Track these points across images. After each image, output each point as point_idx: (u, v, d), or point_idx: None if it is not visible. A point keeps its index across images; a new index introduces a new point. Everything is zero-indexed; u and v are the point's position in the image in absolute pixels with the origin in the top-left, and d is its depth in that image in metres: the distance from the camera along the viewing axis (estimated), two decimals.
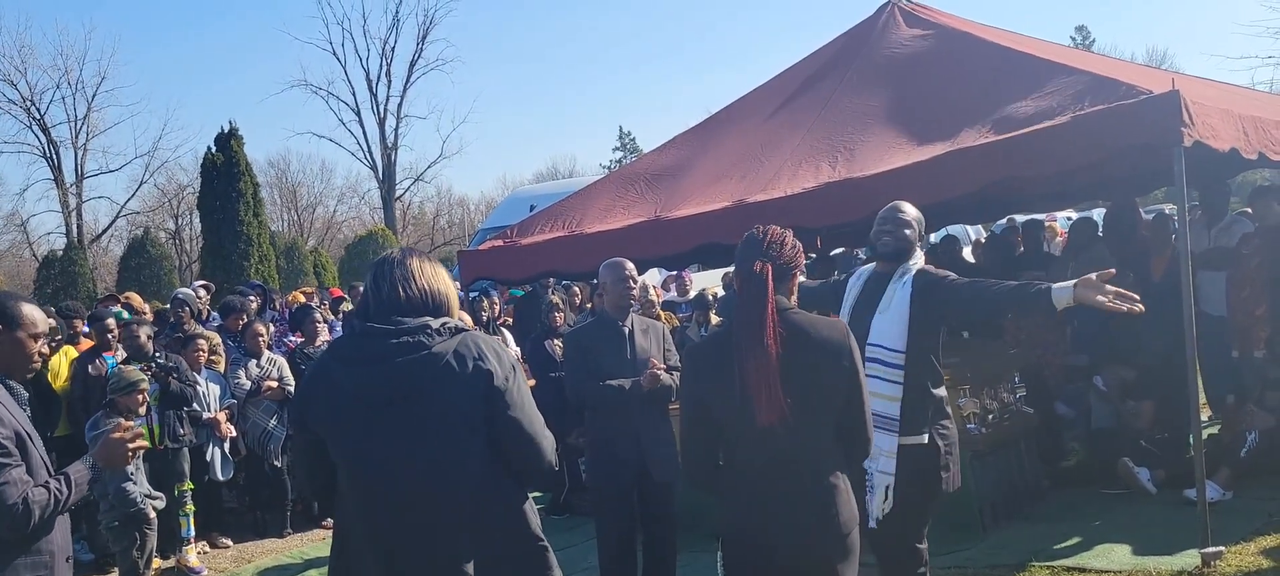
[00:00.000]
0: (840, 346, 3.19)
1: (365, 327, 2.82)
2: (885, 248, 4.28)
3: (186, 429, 7.68)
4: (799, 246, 3.32)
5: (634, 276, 5.45)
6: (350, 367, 2.80)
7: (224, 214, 24.04)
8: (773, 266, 3.18)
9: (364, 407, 2.76)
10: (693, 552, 5.90)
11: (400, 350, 2.75)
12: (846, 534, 3.16)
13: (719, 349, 3.25)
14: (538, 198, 15.86)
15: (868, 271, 4.39)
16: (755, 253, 3.23)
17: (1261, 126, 6.07)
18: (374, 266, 2.94)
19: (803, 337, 3.15)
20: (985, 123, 6.05)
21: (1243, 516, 5.96)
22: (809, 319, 3.24)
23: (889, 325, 4.14)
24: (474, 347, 2.81)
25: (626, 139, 56.14)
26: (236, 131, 24.44)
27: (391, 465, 2.76)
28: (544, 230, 7.82)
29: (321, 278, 28.75)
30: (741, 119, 8.07)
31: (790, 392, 3.06)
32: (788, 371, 3.07)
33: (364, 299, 2.93)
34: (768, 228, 3.32)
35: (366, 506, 2.81)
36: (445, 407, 2.76)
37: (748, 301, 3.18)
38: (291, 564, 7.73)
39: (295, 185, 48.52)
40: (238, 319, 9.26)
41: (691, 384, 3.35)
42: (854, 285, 4.39)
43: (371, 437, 2.76)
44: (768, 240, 3.27)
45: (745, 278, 3.21)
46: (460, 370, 2.76)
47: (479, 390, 2.77)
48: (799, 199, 6.40)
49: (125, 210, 39.82)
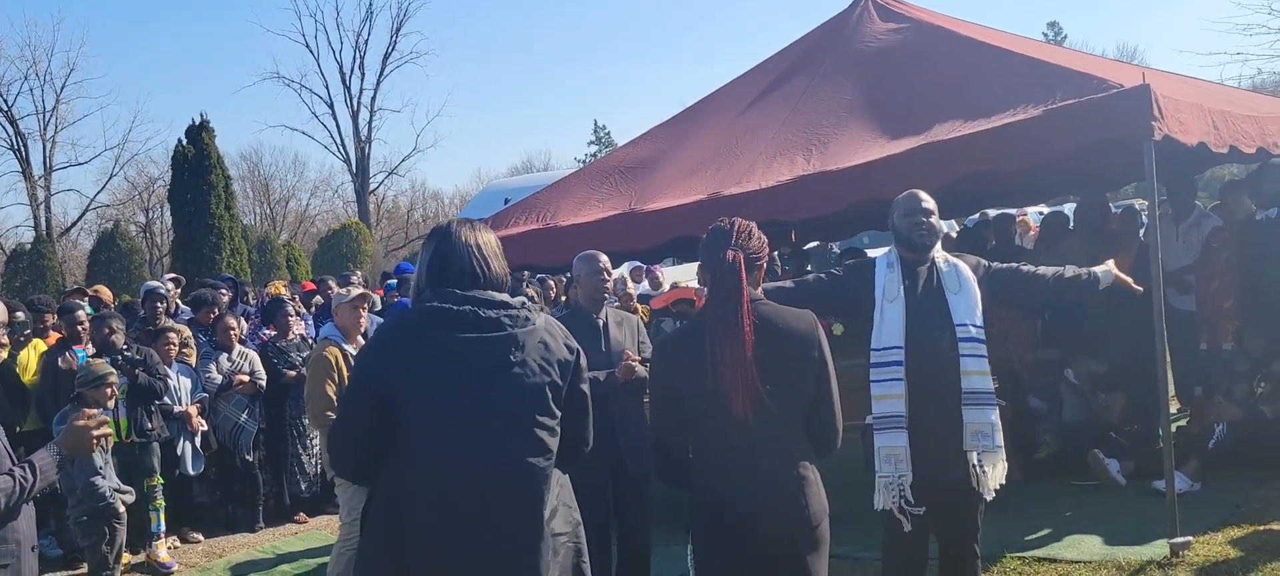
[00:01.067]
0: (810, 337, 3.21)
1: (464, 296, 2.78)
2: (926, 238, 4.21)
3: (156, 423, 7.62)
4: (765, 239, 3.34)
5: (608, 269, 5.45)
6: (447, 333, 2.74)
7: (195, 207, 23.80)
8: (743, 256, 3.20)
9: (461, 375, 2.72)
10: (667, 545, 5.90)
11: (502, 324, 2.77)
12: (816, 525, 3.17)
13: (690, 340, 3.25)
14: (512, 191, 15.81)
15: (892, 259, 4.28)
16: (725, 243, 3.24)
17: (1231, 120, 6.13)
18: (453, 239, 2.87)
19: (772, 329, 3.17)
20: (958, 116, 6.07)
21: (1210, 507, 6.03)
22: (778, 310, 3.25)
23: (968, 305, 4.12)
24: (558, 328, 2.93)
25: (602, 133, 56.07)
26: (208, 124, 24.21)
27: (480, 435, 2.73)
28: (518, 223, 7.79)
29: (295, 272, 28.55)
30: (716, 112, 8.07)
31: (763, 382, 3.08)
32: (759, 362, 3.08)
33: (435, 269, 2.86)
34: (734, 219, 3.34)
35: (441, 477, 2.72)
36: (540, 380, 2.80)
37: (720, 292, 3.18)
38: (263, 559, 7.68)
39: (268, 178, 48.12)
40: (209, 312, 9.18)
41: (662, 375, 3.35)
42: (886, 272, 4.25)
43: (463, 406, 2.72)
44: (736, 231, 3.28)
45: (716, 268, 3.21)
46: (552, 348, 2.85)
47: (567, 368, 2.87)
48: (773, 192, 6.41)
49: (95, 203, 39.39)
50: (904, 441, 4.04)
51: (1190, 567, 5.10)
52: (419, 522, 2.72)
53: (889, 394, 4.07)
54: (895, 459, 4.06)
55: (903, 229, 4.24)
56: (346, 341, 5.82)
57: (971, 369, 4.03)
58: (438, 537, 2.71)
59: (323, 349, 5.78)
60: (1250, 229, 7.62)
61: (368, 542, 2.84)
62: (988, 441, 4.02)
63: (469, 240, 2.87)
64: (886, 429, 4.08)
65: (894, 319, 4.11)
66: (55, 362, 7.60)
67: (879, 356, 4.11)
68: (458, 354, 2.72)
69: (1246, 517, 5.80)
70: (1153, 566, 5.19)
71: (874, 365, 4.11)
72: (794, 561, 3.15)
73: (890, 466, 4.07)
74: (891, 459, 4.06)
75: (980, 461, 4.02)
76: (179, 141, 24.33)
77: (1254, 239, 7.57)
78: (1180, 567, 5.12)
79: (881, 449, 4.09)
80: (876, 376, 4.10)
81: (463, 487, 2.71)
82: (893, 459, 4.06)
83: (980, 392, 4.03)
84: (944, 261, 4.21)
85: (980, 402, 4.02)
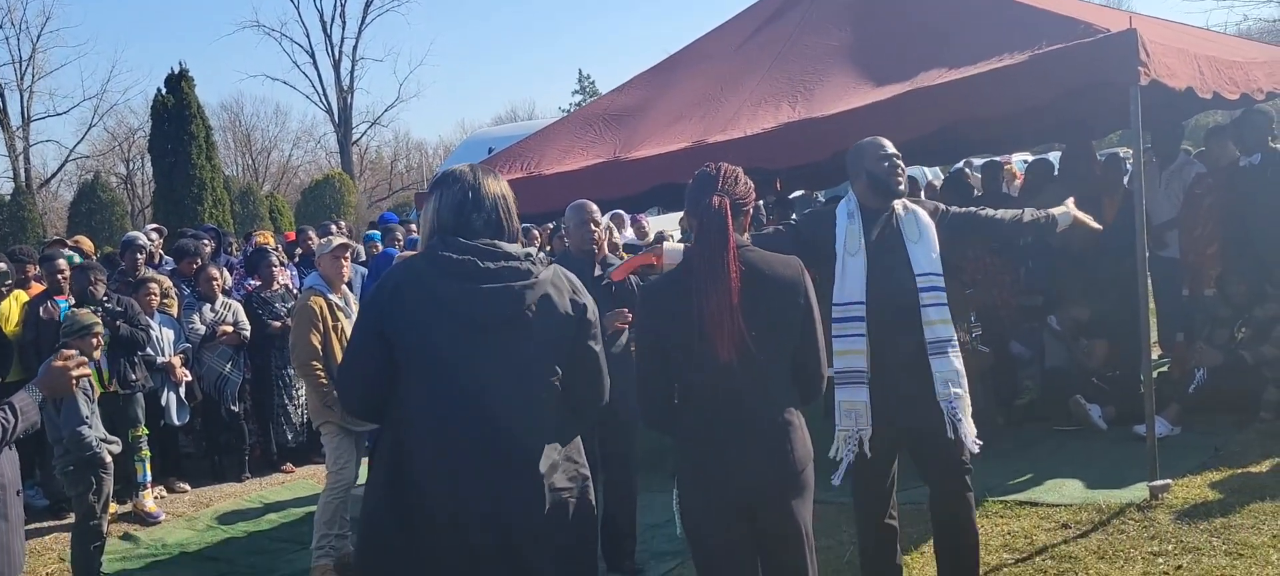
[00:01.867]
0: (795, 282, 3.21)
1: (471, 246, 2.75)
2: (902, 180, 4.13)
3: (140, 374, 7.60)
4: (751, 184, 3.31)
5: (597, 219, 5.43)
6: (454, 283, 2.72)
7: (176, 157, 23.56)
8: (729, 202, 3.18)
9: (464, 324, 2.71)
10: (652, 492, 5.94)
11: (508, 274, 2.75)
12: (801, 470, 3.18)
13: (676, 286, 3.23)
14: (496, 140, 15.71)
15: (852, 208, 4.17)
16: (711, 188, 3.22)
17: (1217, 65, 6.13)
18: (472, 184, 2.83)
19: (758, 274, 3.16)
20: (944, 62, 6.04)
21: (1190, 451, 6.10)
22: (763, 256, 3.24)
23: (927, 252, 4.05)
24: (567, 280, 2.89)
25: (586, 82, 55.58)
26: (187, 73, 23.91)
27: (482, 385, 2.71)
28: (503, 171, 7.65)
29: (278, 223, 28.40)
30: (701, 60, 8.02)
31: (748, 328, 3.08)
32: (744, 308, 3.08)
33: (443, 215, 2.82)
34: (721, 164, 3.32)
35: (442, 425, 2.71)
36: (543, 335, 2.79)
37: (707, 236, 3.16)
38: (250, 508, 7.70)
39: (249, 129, 47.72)
40: (191, 263, 9.14)
41: (648, 321, 3.34)
42: (846, 223, 4.15)
43: (466, 355, 2.71)
44: (722, 176, 3.26)
45: (703, 213, 3.19)
46: (559, 300, 2.82)
47: (573, 321, 2.85)
48: (758, 139, 6.38)
49: (74, 154, 39.05)
50: (865, 396, 4.01)
51: (1169, 510, 5.16)
52: (418, 468, 2.72)
53: (851, 349, 4.03)
54: (855, 413, 4.04)
55: (879, 173, 4.13)
56: (330, 290, 5.80)
57: (934, 317, 3.99)
58: (435, 484, 2.70)
59: (307, 298, 5.76)
60: (1233, 175, 7.64)
61: (375, 475, 2.86)
62: (958, 387, 4.00)
63: (484, 190, 2.83)
64: (848, 383, 4.04)
65: (856, 272, 4.05)
66: (37, 313, 7.55)
67: (841, 311, 4.06)
68: (463, 304, 2.71)
69: (1225, 460, 5.86)
70: (1132, 509, 5.25)
71: (836, 320, 4.05)
72: (779, 506, 3.16)
73: (850, 420, 4.05)
74: (851, 412, 4.05)
75: (954, 410, 3.98)
76: (158, 91, 24.02)
77: (1237, 185, 7.60)
78: (1160, 510, 5.18)
79: (841, 402, 4.06)
80: (838, 331, 4.04)
81: (460, 435, 2.70)
82: (852, 412, 4.04)
83: (944, 340, 3.99)
84: (903, 208, 4.15)
85: (944, 350, 3.98)
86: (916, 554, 5.07)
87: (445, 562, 2.70)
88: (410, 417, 2.74)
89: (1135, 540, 4.88)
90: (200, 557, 6.57)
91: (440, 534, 2.69)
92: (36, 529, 7.29)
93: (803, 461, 3.18)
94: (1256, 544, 4.60)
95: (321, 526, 5.71)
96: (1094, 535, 5.00)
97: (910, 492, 5.81)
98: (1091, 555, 4.74)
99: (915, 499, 5.75)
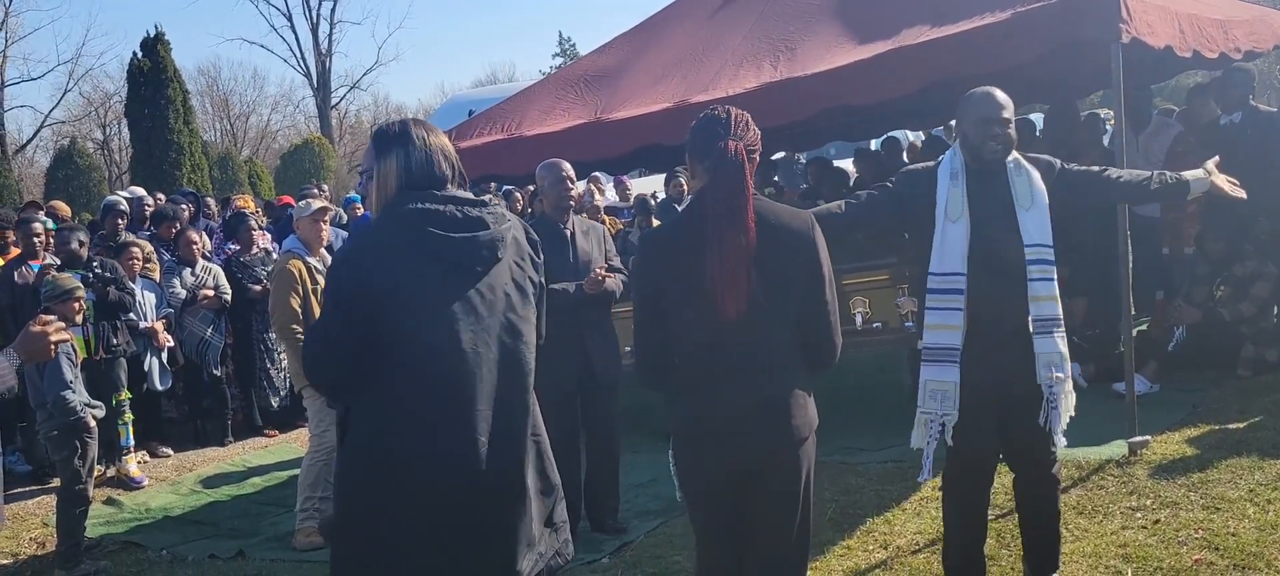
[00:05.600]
0: (807, 237, 2.99)
1: (447, 197, 2.73)
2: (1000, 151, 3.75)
3: (123, 338, 7.56)
4: (758, 132, 3.06)
5: (572, 177, 5.41)
6: (441, 234, 2.69)
7: (153, 122, 23.36)
8: (743, 148, 2.94)
9: (455, 273, 2.69)
10: (635, 453, 5.97)
11: (485, 222, 2.73)
12: (802, 439, 2.99)
13: (680, 235, 3.03)
14: (476, 102, 15.59)
15: (955, 167, 3.80)
16: (724, 132, 2.97)
17: (1197, 23, 6.14)
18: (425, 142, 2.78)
19: (770, 226, 2.94)
20: (927, 20, 6.03)
21: (1169, 408, 6.15)
22: (774, 208, 3.03)
23: (1040, 221, 3.71)
24: (525, 229, 2.88)
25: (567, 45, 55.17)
26: (163, 36, 23.65)
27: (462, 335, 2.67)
28: (483, 133, 7.71)
29: (257, 188, 28.19)
30: (682, 19, 7.97)
31: (756, 285, 2.89)
32: (756, 261, 2.89)
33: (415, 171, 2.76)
34: (729, 108, 3.06)
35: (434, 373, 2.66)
36: (521, 278, 2.78)
37: (723, 183, 2.90)
38: (234, 471, 7.69)
39: (227, 93, 47.20)
40: (170, 227, 9.09)
41: (647, 270, 3.12)
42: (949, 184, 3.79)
43: (444, 306, 2.67)
44: (734, 121, 3.00)
45: (717, 159, 2.93)
46: (523, 243, 2.83)
47: (536, 264, 2.85)
48: (740, 99, 6.33)
49: (50, 120, 38.56)
50: (955, 377, 3.70)
51: (1148, 465, 5.22)
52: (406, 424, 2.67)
53: (945, 324, 3.70)
54: (942, 394, 3.72)
55: (973, 138, 3.76)
56: (309, 254, 5.77)
57: (1041, 293, 3.68)
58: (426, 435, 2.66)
59: (285, 262, 5.72)
60: (1214, 133, 7.66)
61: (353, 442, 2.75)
62: (1061, 371, 3.71)
63: (437, 142, 2.81)
64: (937, 361, 3.72)
65: (956, 240, 3.69)
66: (12, 277, 7.48)
67: (937, 282, 3.72)
68: (450, 253, 2.69)
69: (1203, 417, 5.92)
70: (1111, 465, 5.30)
71: (931, 291, 3.74)
72: (776, 475, 2.99)
73: (935, 403, 3.73)
74: (938, 394, 3.72)
75: (1055, 396, 3.71)
76: (134, 55, 23.79)
77: (1218, 143, 7.61)
78: (1138, 465, 5.23)
79: (928, 382, 3.75)
80: (933, 303, 3.72)
81: (455, 383, 2.68)
82: (939, 394, 3.72)
83: (1050, 320, 3.69)
84: (1015, 166, 3.77)
85: (1051, 330, 3.69)
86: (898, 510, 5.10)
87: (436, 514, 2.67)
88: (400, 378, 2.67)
89: (1114, 495, 4.93)
90: (184, 521, 6.57)
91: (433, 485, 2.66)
92: (19, 492, 7.28)
93: (803, 430, 2.98)
94: (1233, 498, 4.66)
95: (305, 489, 5.72)
96: (1074, 491, 5.04)
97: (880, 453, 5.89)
98: (1071, 510, 4.79)
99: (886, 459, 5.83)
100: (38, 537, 6.38)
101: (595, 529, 5.38)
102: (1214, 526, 4.40)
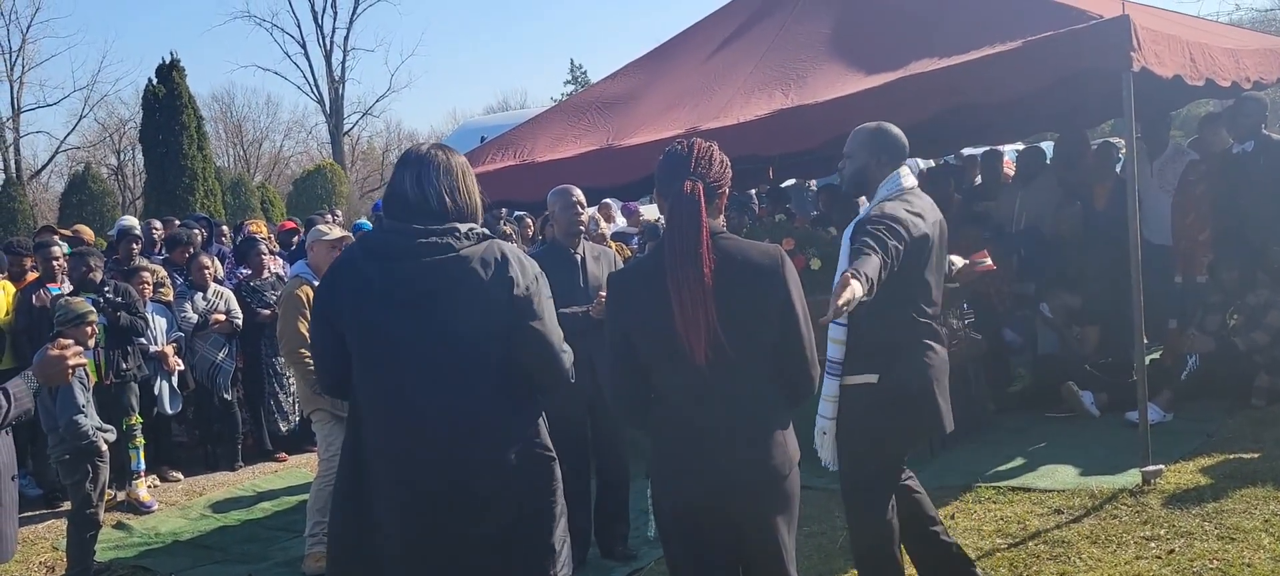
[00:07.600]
0: (774, 271, 2.91)
1: (394, 225, 2.83)
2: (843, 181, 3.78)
3: (133, 362, 7.57)
4: (727, 162, 3.02)
5: (582, 202, 5.42)
6: (378, 263, 2.79)
7: (167, 148, 23.48)
8: (702, 187, 2.90)
9: (389, 304, 2.76)
10: (644, 478, 5.93)
11: (428, 250, 2.76)
12: (783, 476, 2.92)
13: (644, 277, 2.98)
14: (489, 129, 15.68)
15: None
16: (682, 170, 2.92)
17: (1209, 54, 6.13)
18: (414, 163, 2.86)
19: (734, 264, 2.88)
20: (937, 49, 6.04)
21: (1182, 437, 6.12)
22: (740, 243, 2.96)
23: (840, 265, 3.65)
24: (498, 254, 2.81)
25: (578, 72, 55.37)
26: (179, 63, 23.82)
27: (411, 363, 2.76)
28: (495, 159, 7.74)
29: (269, 213, 28.30)
30: (694, 48, 8.01)
31: (723, 324, 2.83)
32: (719, 301, 2.82)
33: (396, 196, 2.87)
34: (693, 140, 3.02)
35: (381, 404, 2.80)
36: (467, 311, 2.76)
37: (678, 224, 2.86)
38: (243, 496, 7.69)
39: (240, 120, 47.49)
40: (183, 251, 9.13)
41: (616, 314, 3.07)
42: None
43: (394, 335, 2.76)
44: (695, 156, 2.95)
45: (674, 199, 2.89)
46: (484, 275, 2.77)
47: (501, 297, 2.78)
48: (751, 127, 6.38)
49: (65, 145, 38.84)
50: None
51: (1161, 494, 5.18)
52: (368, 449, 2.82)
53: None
54: None
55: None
56: (317, 278, 5.78)
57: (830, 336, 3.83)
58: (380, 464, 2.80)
59: (294, 287, 5.73)
60: (1226, 162, 7.66)
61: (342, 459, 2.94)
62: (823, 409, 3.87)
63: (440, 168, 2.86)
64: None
65: None
66: (30, 300, 7.52)
67: None
68: (381, 283, 2.76)
69: (1217, 446, 5.89)
70: (1125, 494, 5.26)
71: None
72: (756, 518, 2.93)
73: None
74: None
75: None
76: (149, 81, 23.93)
77: (1230, 172, 7.62)
78: (1152, 495, 5.19)
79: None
80: None
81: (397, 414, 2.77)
82: None
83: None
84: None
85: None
86: None
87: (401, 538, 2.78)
88: (359, 400, 2.86)
89: (1128, 525, 4.90)
90: (194, 546, 6.56)
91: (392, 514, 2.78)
92: (31, 517, 7.28)
93: (783, 468, 2.92)
94: (1248, 528, 4.62)
95: (314, 514, 5.71)
96: (1087, 520, 5.01)
97: None
98: (1084, 540, 4.76)
99: None
100: (48, 561, 6.38)
101: (605, 554, 5.36)
102: (1229, 557, 4.37)
